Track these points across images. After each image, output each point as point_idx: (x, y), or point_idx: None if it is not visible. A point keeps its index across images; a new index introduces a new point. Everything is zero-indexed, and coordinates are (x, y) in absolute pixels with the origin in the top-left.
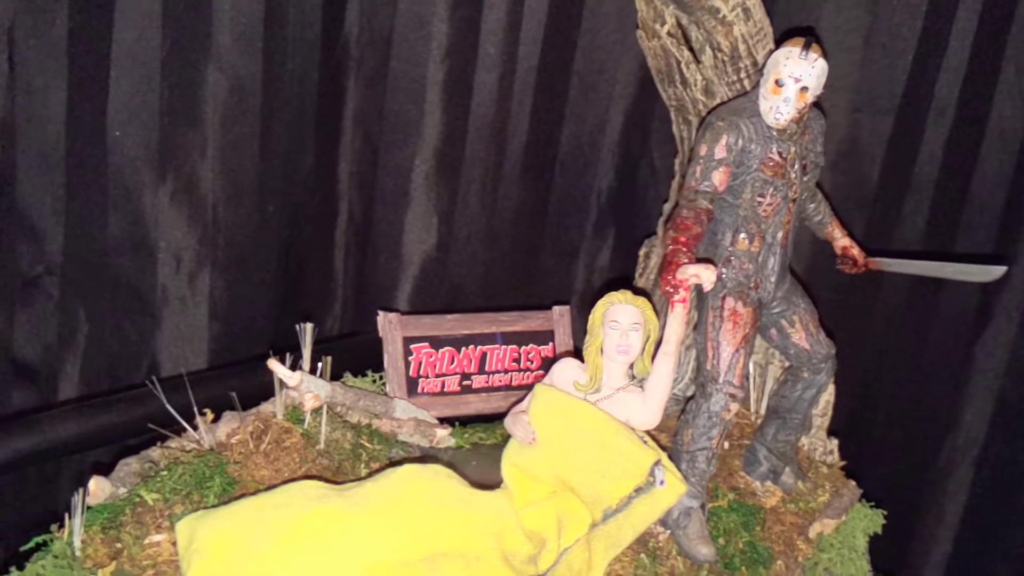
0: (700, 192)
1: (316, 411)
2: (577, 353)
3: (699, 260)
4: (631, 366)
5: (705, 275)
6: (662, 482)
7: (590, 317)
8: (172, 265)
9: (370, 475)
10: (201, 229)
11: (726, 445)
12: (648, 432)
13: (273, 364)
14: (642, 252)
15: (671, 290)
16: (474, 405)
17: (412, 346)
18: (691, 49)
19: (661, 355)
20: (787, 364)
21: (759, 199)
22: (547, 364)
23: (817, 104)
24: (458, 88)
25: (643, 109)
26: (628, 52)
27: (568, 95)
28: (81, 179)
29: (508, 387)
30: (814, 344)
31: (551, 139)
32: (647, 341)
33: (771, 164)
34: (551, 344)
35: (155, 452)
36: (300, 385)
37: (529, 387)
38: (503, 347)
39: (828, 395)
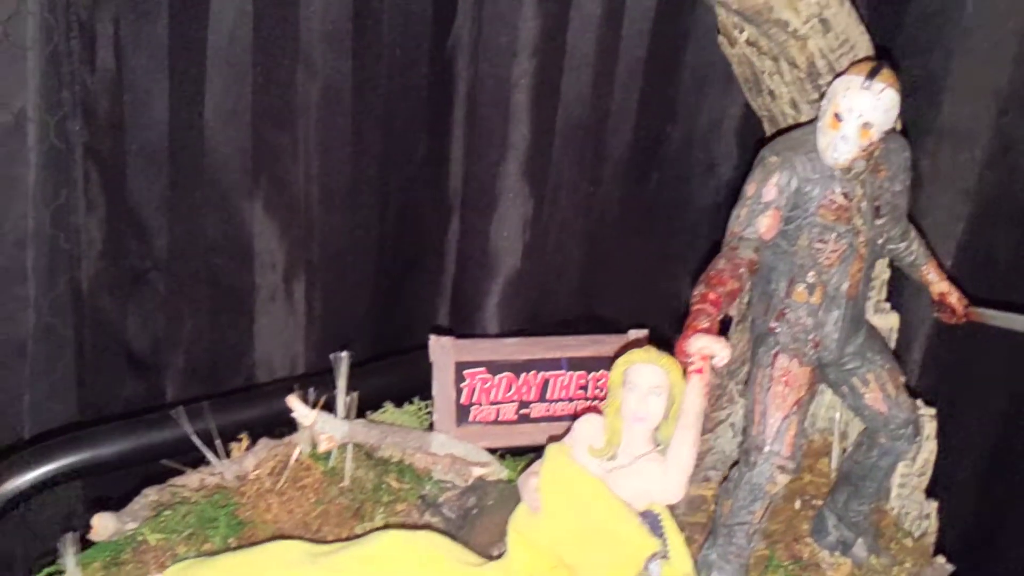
0: (743, 239)
1: (342, 447)
2: None
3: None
4: (657, 428)
5: (718, 349)
6: None
7: (611, 374)
8: (268, 267)
9: (366, 530)
10: (296, 231)
11: (797, 504)
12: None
13: (292, 401)
14: None
15: (684, 358)
16: (531, 435)
17: (466, 372)
18: (775, 59)
19: (679, 428)
20: (864, 426)
21: (819, 245)
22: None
23: (903, 132)
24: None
25: None
26: None
27: (679, 90)
28: (183, 179)
29: (573, 416)
30: (892, 407)
31: (659, 138)
32: (673, 406)
33: (833, 207)
34: None
35: (179, 481)
36: (315, 426)
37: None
38: (569, 373)
39: (928, 452)
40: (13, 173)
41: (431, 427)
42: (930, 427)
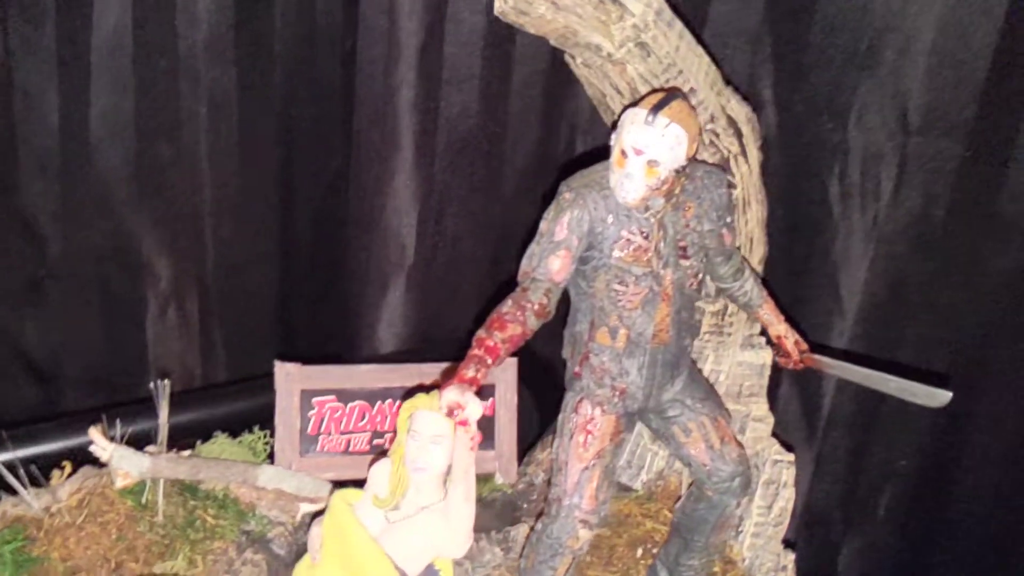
0: (535, 280)
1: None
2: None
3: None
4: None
5: (464, 401)
6: None
7: (398, 419)
8: (157, 280)
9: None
10: (184, 244)
11: (638, 552)
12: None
13: (93, 433)
14: None
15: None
16: None
17: (315, 399)
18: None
19: (450, 483)
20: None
21: (618, 287)
22: (484, 422)
23: (721, 166)
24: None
25: None
26: None
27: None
28: (73, 187)
29: None
30: (715, 459)
31: (568, 150)
32: None
33: (630, 248)
34: (491, 400)
35: None
36: (111, 461)
37: None
38: None
39: (785, 500)
40: None
41: (271, 457)
42: (787, 474)
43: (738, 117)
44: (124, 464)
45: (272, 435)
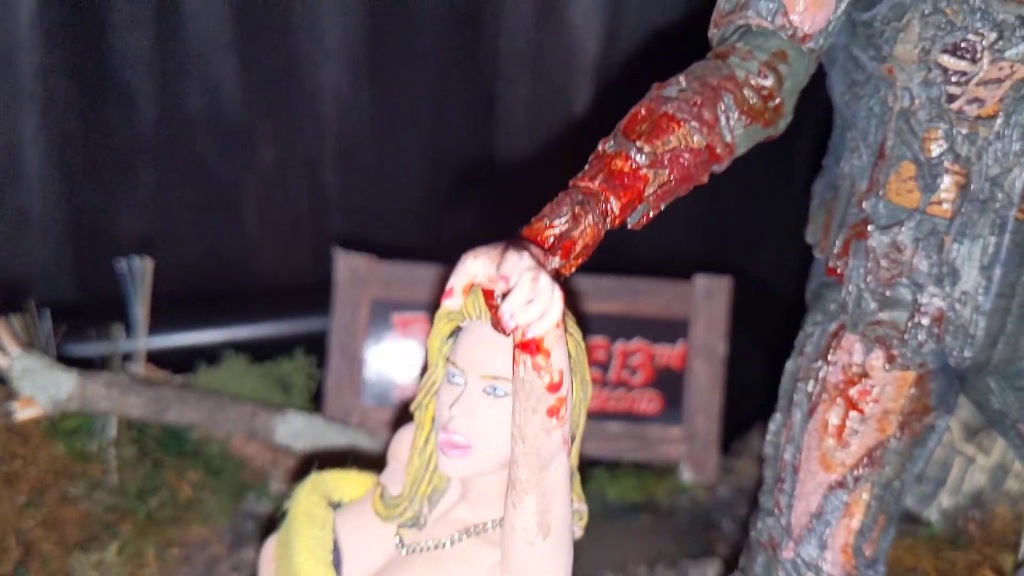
0: (748, 34)
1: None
2: None
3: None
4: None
5: (537, 303)
6: None
7: (428, 340)
8: (260, 155)
9: None
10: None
11: None
12: None
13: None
14: None
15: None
16: None
17: (395, 315)
18: None
19: (509, 487)
20: None
21: (949, 59)
22: (666, 379)
23: None
24: None
25: None
26: None
27: None
28: (165, 40)
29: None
30: None
31: None
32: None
33: None
34: (681, 343)
35: None
36: (12, 376)
37: (620, 417)
38: None
39: None
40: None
41: (317, 400)
42: None
43: None
44: (26, 384)
45: (322, 365)
